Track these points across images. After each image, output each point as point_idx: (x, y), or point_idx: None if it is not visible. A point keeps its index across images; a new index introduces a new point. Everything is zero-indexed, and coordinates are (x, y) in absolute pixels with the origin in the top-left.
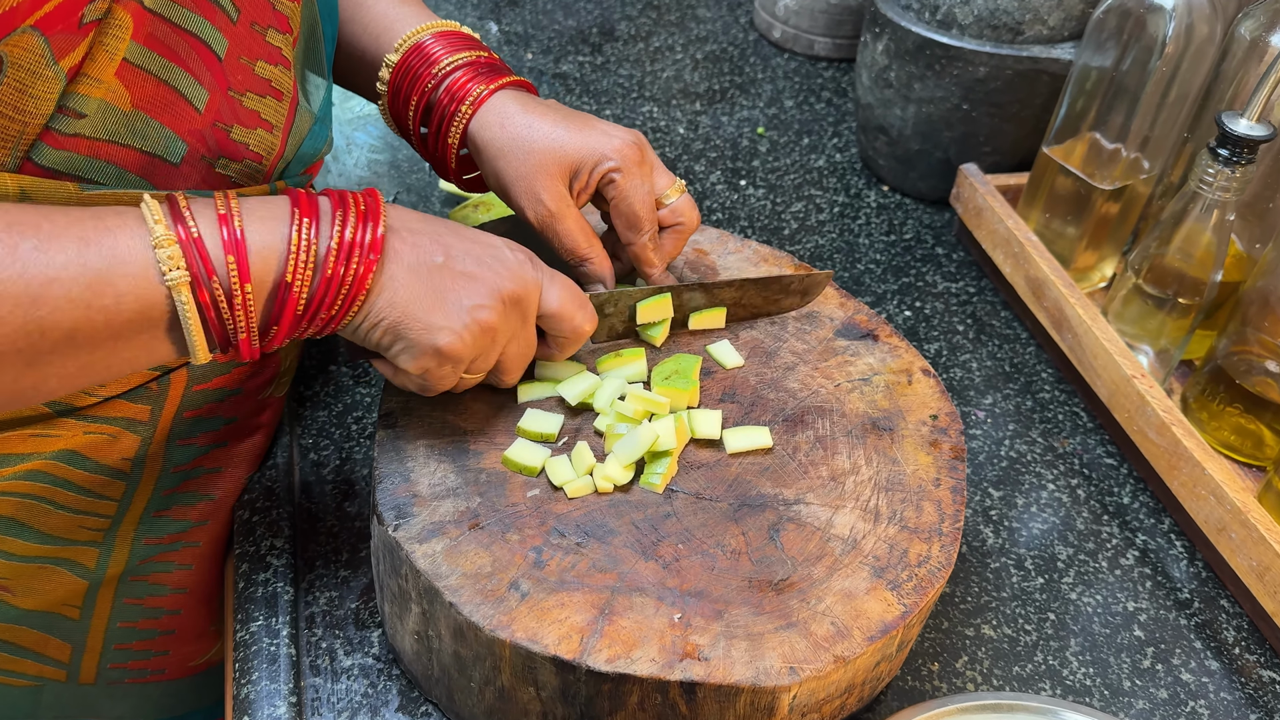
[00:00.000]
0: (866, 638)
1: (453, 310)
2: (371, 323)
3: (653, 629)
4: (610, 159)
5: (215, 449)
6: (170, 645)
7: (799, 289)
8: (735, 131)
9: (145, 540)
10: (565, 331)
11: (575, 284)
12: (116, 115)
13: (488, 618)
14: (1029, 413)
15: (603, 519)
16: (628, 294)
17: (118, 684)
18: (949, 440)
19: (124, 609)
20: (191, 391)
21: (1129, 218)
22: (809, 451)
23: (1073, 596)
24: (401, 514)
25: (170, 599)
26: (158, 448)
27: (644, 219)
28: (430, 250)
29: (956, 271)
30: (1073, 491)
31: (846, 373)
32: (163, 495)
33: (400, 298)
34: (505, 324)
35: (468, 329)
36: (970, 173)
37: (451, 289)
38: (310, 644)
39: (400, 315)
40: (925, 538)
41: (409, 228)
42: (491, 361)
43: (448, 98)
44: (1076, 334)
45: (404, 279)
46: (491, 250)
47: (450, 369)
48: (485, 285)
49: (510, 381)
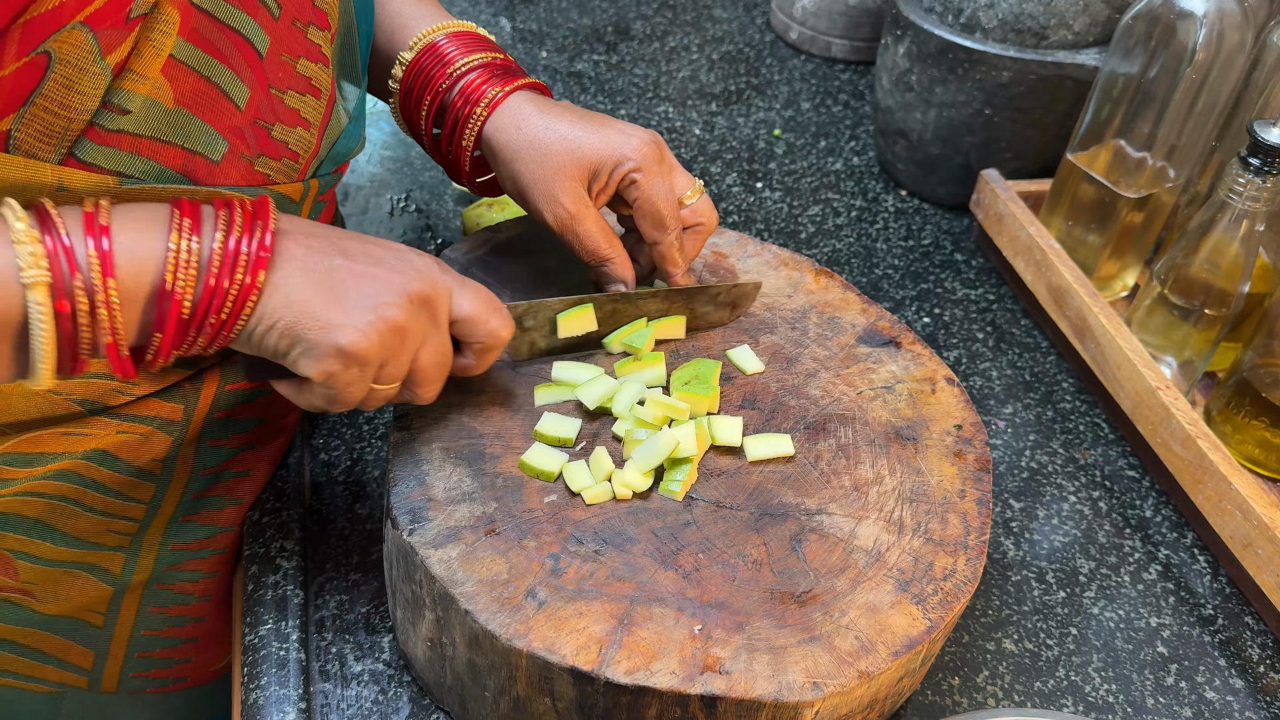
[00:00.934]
0: (891, 653)
1: (355, 307)
2: (266, 325)
3: (673, 640)
4: (630, 159)
5: (244, 451)
6: (193, 653)
7: (726, 300)
8: (751, 133)
9: (172, 546)
10: (480, 336)
11: (487, 290)
12: (160, 112)
13: (504, 626)
14: (1050, 423)
15: (621, 526)
16: (547, 305)
17: (140, 693)
18: (974, 451)
19: (148, 617)
20: (224, 391)
21: (1153, 227)
22: (831, 460)
23: (1095, 611)
24: (416, 518)
25: (195, 606)
26: (188, 449)
27: (669, 217)
28: (327, 252)
29: (976, 278)
30: (1094, 504)
31: (869, 380)
32: (191, 499)
33: (296, 296)
34: (414, 324)
35: (373, 326)
36: (991, 178)
37: (353, 286)
38: (320, 649)
39: (297, 315)
40: (951, 551)
41: (304, 231)
42: (403, 368)
43: (462, 100)
44: (1099, 344)
45: (299, 278)
46: (396, 252)
47: (357, 373)
48: (390, 283)
49: (427, 395)
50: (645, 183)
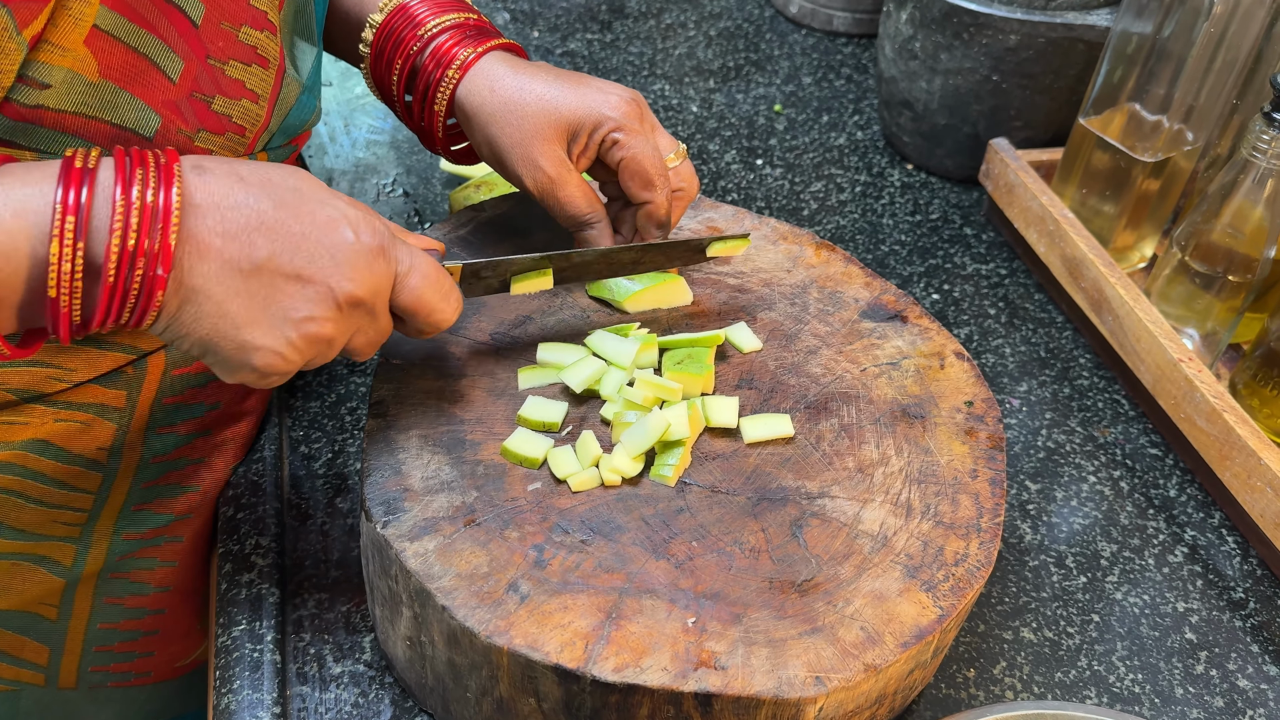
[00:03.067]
0: (900, 644)
1: (275, 324)
2: (175, 335)
3: (664, 635)
4: (611, 119)
5: (198, 438)
6: (155, 646)
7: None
8: (751, 109)
9: (125, 535)
10: (422, 325)
11: (439, 268)
12: (83, 85)
13: (484, 623)
14: (1066, 400)
15: (609, 514)
16: (507, 264)
17: (100, 688)
18: (986, 428)
19: (104, 609)
20: (171, 376)
21: (1170, 194)
22: (834, 441)
23: (1118, 596)
24: (391, 509)
25: (153, 598)
26: (136, 436)
27: (656, 174)
28: (250, 241)
29: (986, 253)
30: (1115, 484)
31: (873, 356)
32: (143, 488)
33: (207, 313)
34: (345, 328)
35: (292, 345)
36: (1001, 148)
37: (274, 298)
38: (297, 650)
39: (208, 333)
40: (962, 534)
41: (222, 202)
42: (331, 358)
43: (433, 63)
44: (1117, 316)
45: (212, 290)
46: (332, 234)
47: (277, 379)
48: (319, 290)
49: (361, 359)
50: (628, 141)
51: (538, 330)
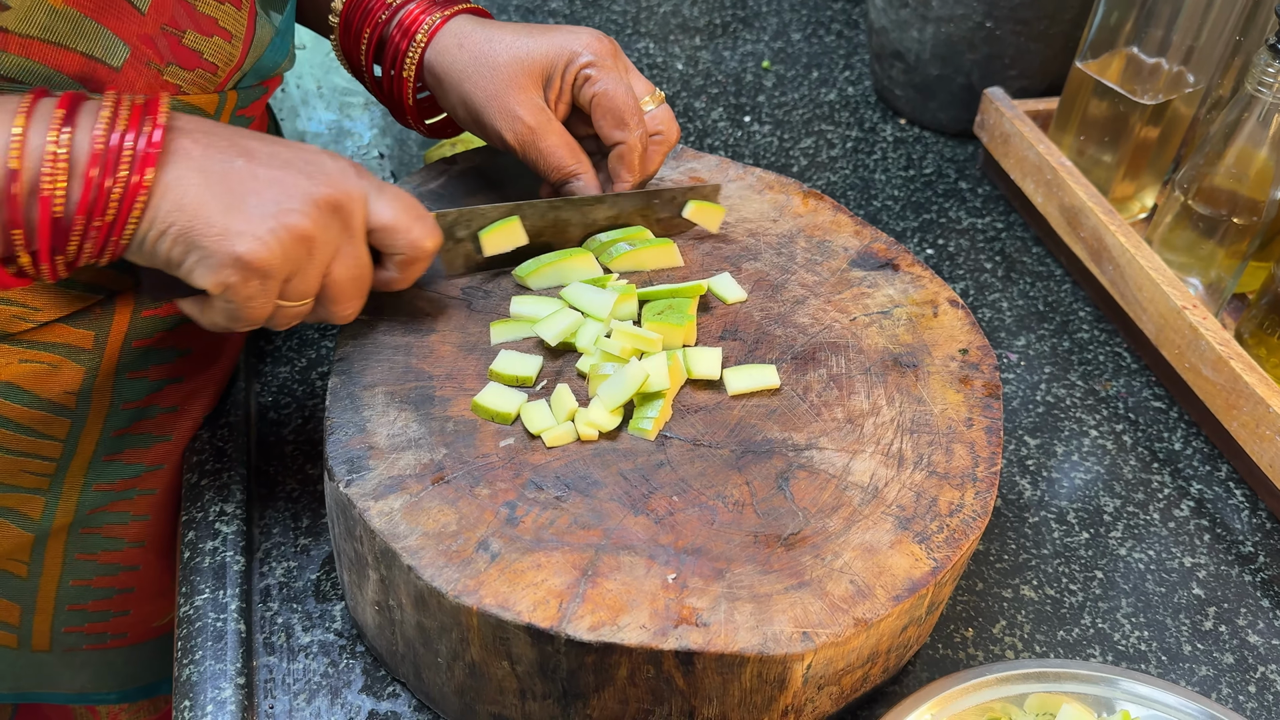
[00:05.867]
0: (891, 597)
1: (255, 213)
2: (158, 230)
3: (643, 591)
4: (582, 54)
5: (170, 384)
6: (130, 604)
7: (680, 203)
8: (739, 66)
9: (96, 486)
10: (401, 247)
11: (410, 196)
12: (45, 10)
13: (452, 582)
14: (1066, 354)
15: (586, 470)
16: (480, 213)
17: (75, 650)
18: (981, 376)
19: (76, 565)
20: (140, 318)
21: (1171, 142)
22: (822, 392)
23: (1122, 552)
24: (355, 468)
25: (127, 553)
26: (105, 380)
27: (629, 112)
28: (227, 152)
29: (982, 206)
30: (1118, 438)
31: (863, 305)
32: (113, 436)
33: (189, 200)
34: (324, 233)
35: (274, 234)
36: (996, 96)
37: (254, 190)
38: (265, 619)
39: (190, 219)
40: (957, 484)
41: (203, 130)
42: (313, 283)
43: (399, 32)
44: (1118, 265)
45: (193, 180)
46: (306, 155)
47: (258, 285)
48: (296, 187)
49: (344, 313)
50: (600, 76)
51: (512, 284)
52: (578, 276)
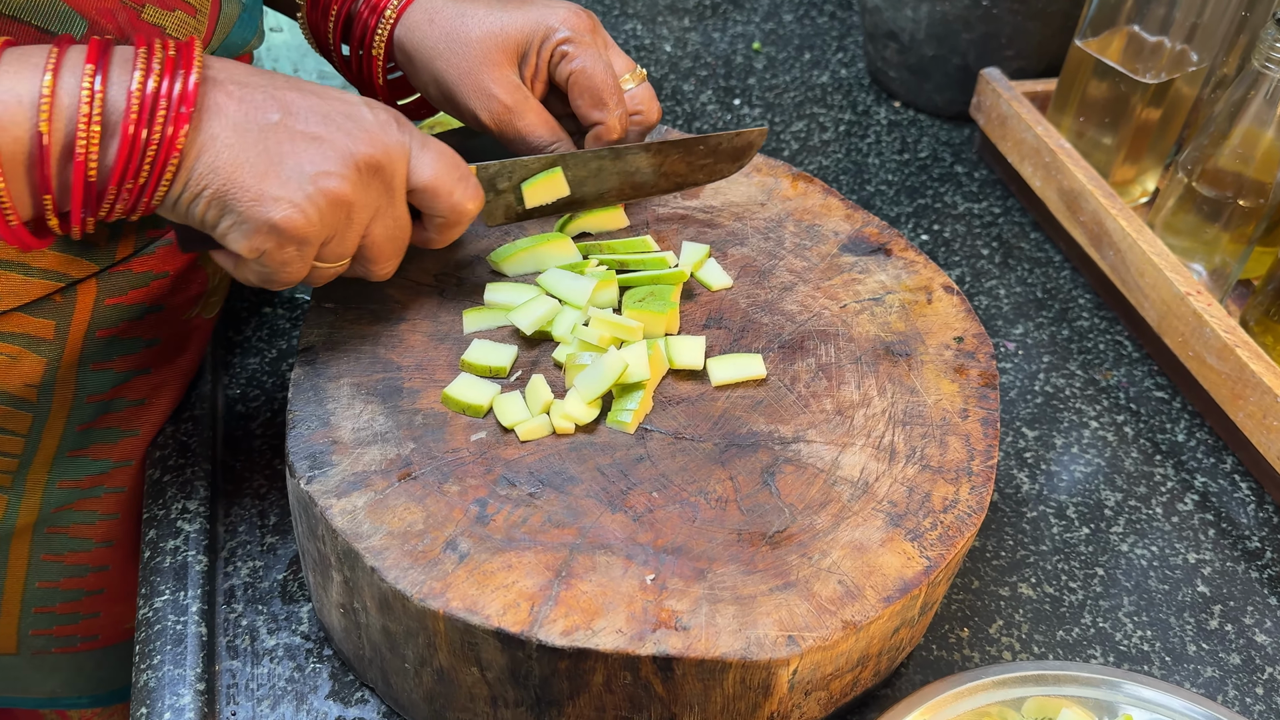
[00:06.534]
0: (882, 598)
1: (292, 177)
2: (192, 193)
3: (620, 593)
4: (559, 29)
5: (137, 376)
6: (99, 606)
7: (728, 150)
8: (729, 48)
9: (61, 484)
10: (442, 209)
11: (453, 151)
12: None
13: (417, 584)
14: (1065, 342)
15: (561, 465)
16: (523, 165)
17: (44, 653)
18: (977, 365)
19: (42, 566)
20: (103, 306)
21: (1173, 123)
22: (810, 382)
23: (1123, 548)
24: (317, 463)
25: (95, 554)
26: (68, 372)
27: (607, 90)
28: (264, 106)
29: (979, 191)
30: (1119, 429)
31: (854, 292)
32: (78, 430)
33: (224, 161)
34: (363, 196)
35: (311, 200)
36: (993, 77)
37: (291, 152)
38: (229, 622)
39: (225, 183)
40: (951, 478)
41: (236, 80)
42: (350, 245)
43: (368, 9)
44: (1119, 250)
45: (229, 139)
46: (345, 107)
47: (295, 251)
48: (334, 148)
49: (381, 272)
50: (578, 53)
51: (486, 270)
52: (555, 262)
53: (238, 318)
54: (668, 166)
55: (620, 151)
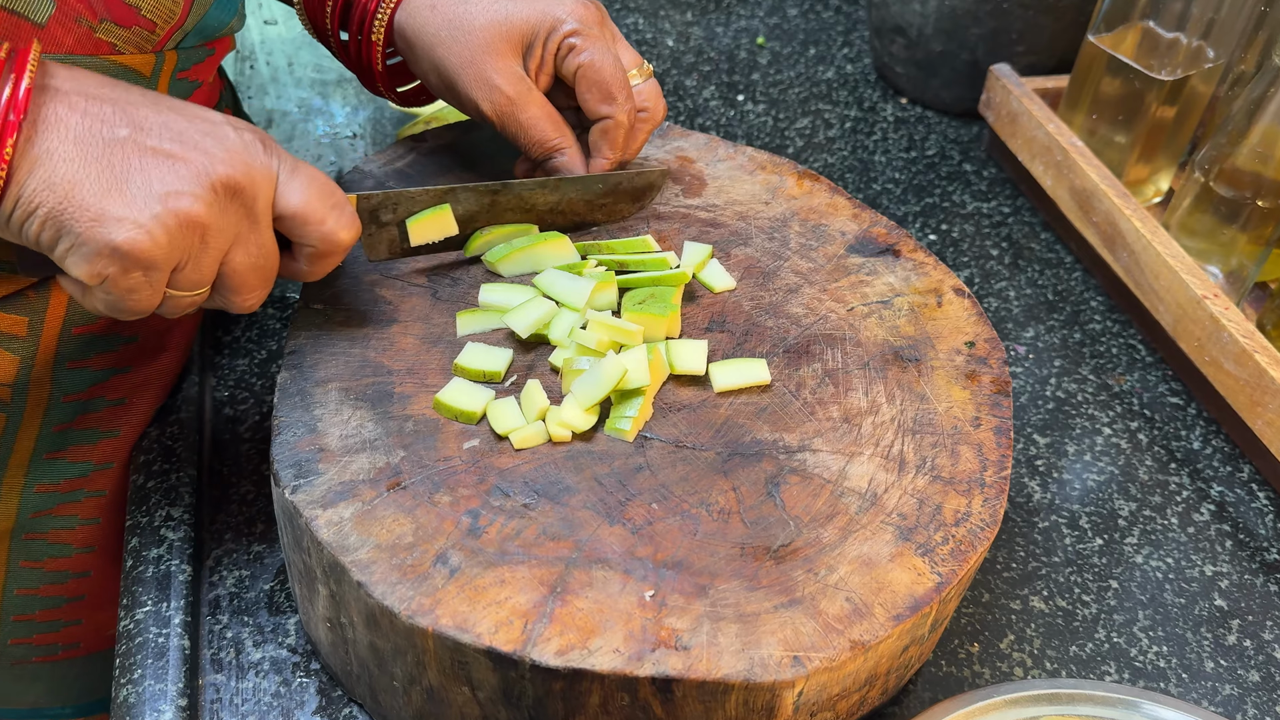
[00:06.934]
0: (891, 616)
1: (138, 196)
2: (25, 210)
3: (617, 611)
4: (566, 21)
5: (116, 375)
6: (81, 613)
7: (628, 189)
8: (732, 43)
9: (38, 488)
10: (313, 238)
11: (328, 178)
12: None
13: (405, 600)
14: (1077, 346)
15: (557, 474)
16: (408, 197)
17: (24, 663)
18: (989, 371)
19: (20, 573)
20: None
21: (1187, 122)
22: (816, 388)
23: (1138, 560)
24: (303, 472)
25: (76, 559)
26: (43, 371)
27: (616, 85)
28: (111, 120)
29: (988, 190)
30: (1132, 436)
31: (862, 294)
32: (54, 431)
33: (61, 177)
34: (219, 220)
35: (158, 221)
36: (1003, 74)
37: (139, 169)
38: (213, 634)
39: (61, 201)
40: (963, 490)
41: (84, 92)
42: (207, 273)
43: None
44: (1133, 251)
45: (67, 153)
46: (206, 126)
47: (141, 276)
48: (189, 167)
49: (245, 303)
50: (586, 46)
51: (481, 271)
52: (552, 262)
53: (226, 317)
54: (564, 205)
55: (513, 187)
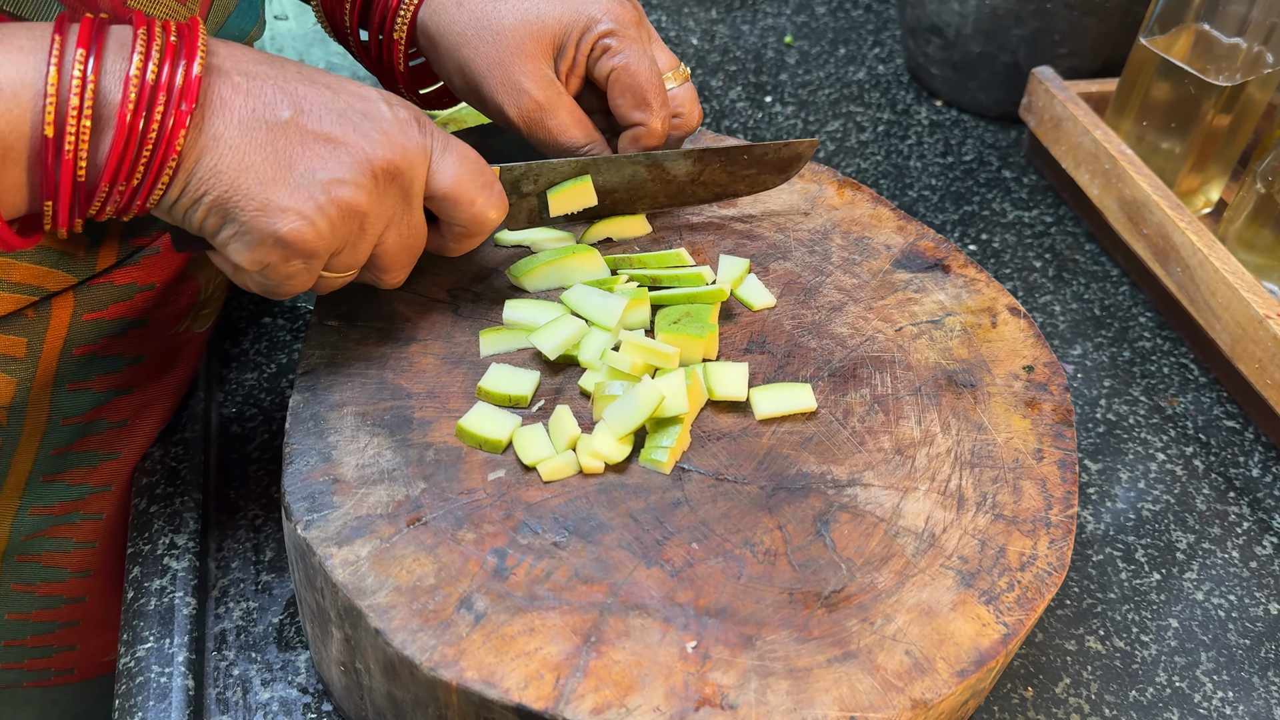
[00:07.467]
0: (955, 672)
1: (302, 185)
2: (191, 198)
3: (657, 664)
4: (601, 20)
5: (119, 396)
6: (75, 638)
7: (774, 160)
8: (758, 42)
9: (32, 511)
10: (463, 219)
11: (477, 155)
12: None
13: (427, 650)
14: (1127, 365)
15: (589, 509)
16: (550, 168)
17: (15, 687)
18: (1050, 398)
19: (13, 597)
20: (81, 321)
21: (1242, 129)
22: (865, 416)
23: (1199, 596)
24: (316, 505)
25: (71, 584)
26: (41, 393)
27: (651, 90)
28: (274, 101)
29: (1029, 198)
30: (1188, 462)
31: (910, 313)
32: (52, 455)
33: (227, 164)
34: (378, 206)
35: (322, 211)
36: (1045, 77)
37: (302, 156)
38: (219, 670)
39: (228, 189)
40: (1028, 530)
41: (244, 70)
42: (362, 256)
43: None
44: (1188, 266)
45: (234, 139)
46: (363, 104)
47: (301, 264)
48: (350, 153)
49: (393, 281)
50: (621, 47)
51: (505, 285)
52: (581, 277)
53: (234, 329)
54: (707, 175)
55: (658, 158)
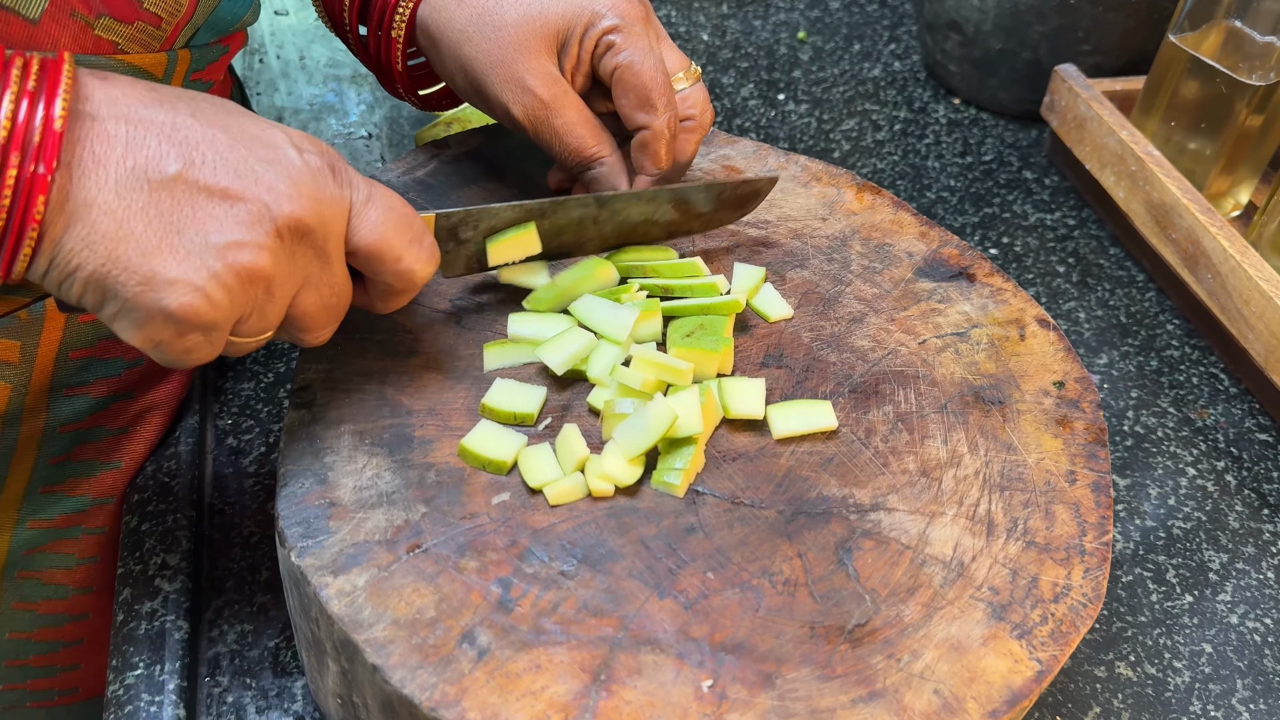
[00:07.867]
0: (987, 712)
1: (193, 251)
2: (62, 272)
3: (671, 704)
4: (605, 15)
5: (118, 401)
6: (79, 657)
7: (731, 198)
8: (771, 37)
9: (32, 524)
10: (388, 276)
11: (405, 204)
12: None
13: (427, 689)
14: (1155, 375)
15: (599, 535)
16: (490, 213)
17: (18, 707)
18: (1083, 416)
19: (13, 615)
20: (77, 324)
21: (1274, 131)
22: (888, 435)
23: (1233, 620)
24: (311, 531)
25: (73, 601)
26: (37, 399)
27: (656, 89)
28: (159, 154)
29: (1051, 200)
30: (1219, 478)
31: (935, 325)
32: (50, 464)
33: (102, 233)
34: (286, 267)
35: (217, 280)
36: (1068, 74)
37: (192, 217)
38: (212, 697)
39: (104, 261)
40: (1061, 558)
41: (122, 116)
42: (273, 319)
43: None
44: (1219, 273)
45: (109, 204)
46: (267, 150)
47: (200, 338)
48: (249, 209)
49: (315, 340)
50: (626, 45)
51: (511, 297)
52: (589, 288)
53: None
54: (660, 215)
55: (607, 200)
